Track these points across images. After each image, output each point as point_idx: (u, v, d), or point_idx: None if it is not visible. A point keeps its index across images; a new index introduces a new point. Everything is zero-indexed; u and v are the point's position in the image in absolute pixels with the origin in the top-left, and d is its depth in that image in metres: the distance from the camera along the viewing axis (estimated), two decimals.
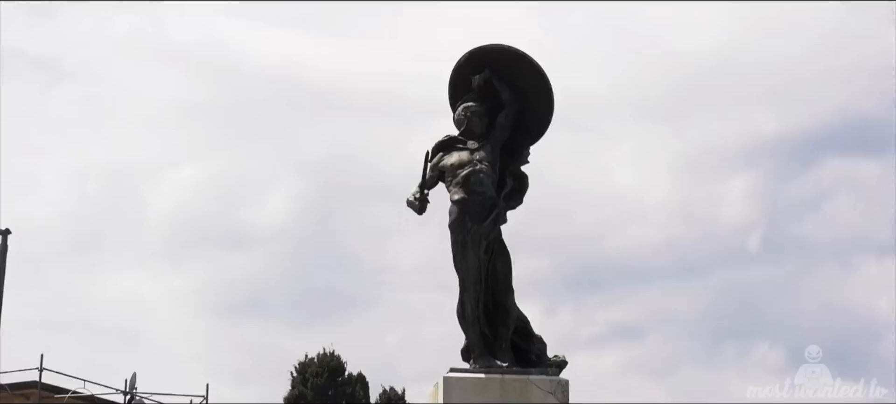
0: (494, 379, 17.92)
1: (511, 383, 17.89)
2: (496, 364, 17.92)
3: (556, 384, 18.10)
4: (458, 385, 18.04)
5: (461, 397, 17.95)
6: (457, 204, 16.95)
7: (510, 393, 17.89)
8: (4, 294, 27.94)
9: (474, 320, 17.52)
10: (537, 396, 17.97)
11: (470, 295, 17.26)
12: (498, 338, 17.84)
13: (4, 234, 28.60)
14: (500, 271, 17.42)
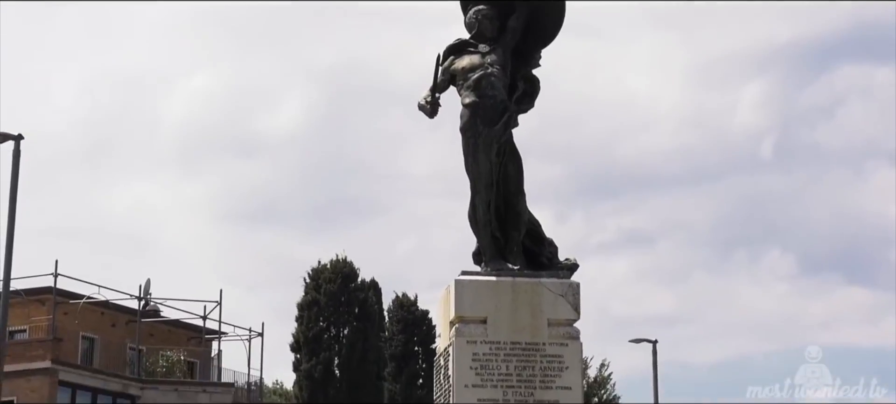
0: (505, 282, 18.01)
1: (522, 286, 17.98)
2: (507, 267, 17.99)
3: (567, 287, 18.18)
4: (470, 288, 18.14)
5: (472, 300, 18.05)
6: (468, 107, 16.96)
7: (521, 295, 17.98)
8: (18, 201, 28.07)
9: (486, 223, 17.59)
10: (548, 299, 18.07)
11: (481, 198, 17.31)
12: (509, 242, 17.90)
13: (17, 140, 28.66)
14: (511, 174, 17.46)
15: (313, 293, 69.38)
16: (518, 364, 17.89)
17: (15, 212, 28.01)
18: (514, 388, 17.87)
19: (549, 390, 17.93)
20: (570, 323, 18.29)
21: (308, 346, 68.26)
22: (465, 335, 17.97)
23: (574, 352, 18.25)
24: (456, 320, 18.11)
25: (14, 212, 27.99)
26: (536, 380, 17.87)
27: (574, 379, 18.26)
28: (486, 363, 17.85)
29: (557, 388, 17.96)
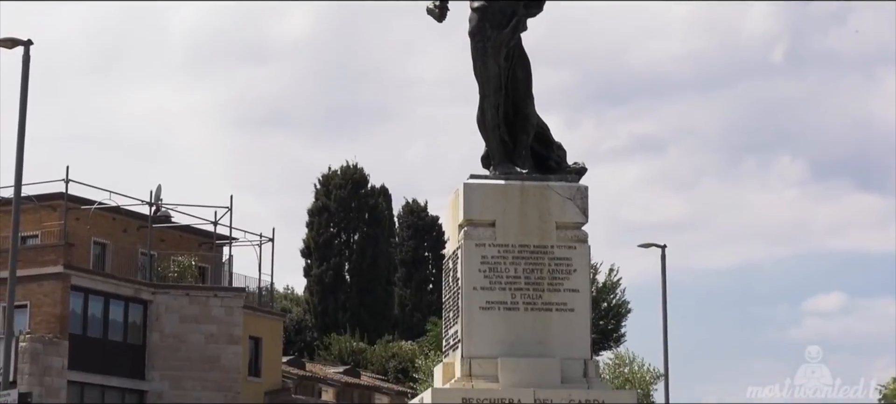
0: (514, 185, 18.09)
1: (531, 189, 18.05)
2: (516, 170, 18.06)
3: (575, 190, 18.25)
4: (478, 191, 18.22)
5: (481, 203, 18.14)
6: (477, 11, 16.96)
7: (530, 199, 18.06)
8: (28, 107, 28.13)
9: (494, 127, 17.64)
10: (557, 202, 18.15)
11: (490, 101, 17.35)
12: (518, 145, 17.96)
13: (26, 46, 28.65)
14: (520, 78, 17.48)
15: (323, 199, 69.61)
16: (526, 266, 18.01)
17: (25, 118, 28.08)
18: (523, 291, 18.01)
19: (557, 292, 18.06)
20: (579, 226, 18.38)
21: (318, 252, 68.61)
22: (473, 238, 18.07)
23: (582, 255, 18.35)
24: (464, 223, 18.21)
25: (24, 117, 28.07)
26: (544, 283, 18.00)
27: (582, 282, 18.39)
28: (494, 265, 17.97)
29: (565, 291, 18.09)
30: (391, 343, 63.34)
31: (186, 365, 46.30)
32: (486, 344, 17.98)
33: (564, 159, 18.59)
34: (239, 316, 47.80)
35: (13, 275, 27.89)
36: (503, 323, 18.03)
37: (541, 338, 18.05)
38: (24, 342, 41.15)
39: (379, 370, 61.46)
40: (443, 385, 18.49)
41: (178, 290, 47.64)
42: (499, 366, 17.86)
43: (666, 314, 41.03)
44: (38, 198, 45.67)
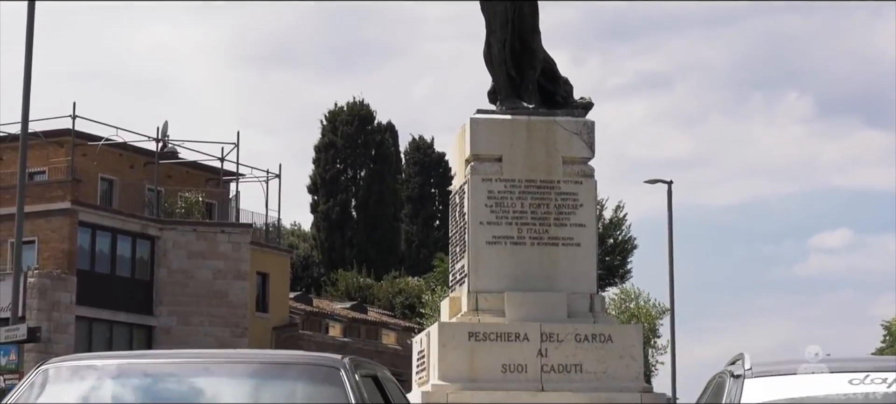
0: (520, 120, 18.10)
1: (537, 124, 18.06)
2: (522, 105, 18.07)
3: (581, 125, 18.27)
4: (485, 126, 18.23)
5: (487, 138, 18.16)
6: None
7: (536, 134, 18.07)
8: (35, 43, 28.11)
9: (501, 61, 17.62)
10: (563, 137, 18.16)
11: (496, 37, 17.33)
12: (524, 80, 17.95)
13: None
14: (526, 13, 17.44)
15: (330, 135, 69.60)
16: (533, 201, 18.05)
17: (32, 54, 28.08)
18: (529, 225, 18.06)
19: (563, 227, 18.11)
20: (585, 161, 18.41)
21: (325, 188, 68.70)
22: (480, 173, 18.11)
23: (588, 190, 18.40)
24: (471, 158, 18.24)
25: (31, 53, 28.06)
26: (551, 218, 18.05)
27: (588, 217, 18.45)
28: (501, 200, 18.02)
29: (572, 225, 18.14)
30: (398, 279, 63.55)
31: (194, 301, 46.51)
32: (492, 278, 18.07)
33: (571, 94, 18.59)
34: (246, 251, 47.95)
35: (21, 211, 27.98)
36: (509, 257, 18.11)
37: (547, 273, 18.13)
38: (32, 278, 41.33)
39: (385, 306, 61.70)
40: (449, 319, 18.60)
41: (185, 226, 47.75)
42: (505, 301, 17.95)
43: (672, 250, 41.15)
44: (44, 134, 45.69)
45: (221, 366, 6.30)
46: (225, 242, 47.65)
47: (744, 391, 6.15)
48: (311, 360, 6.30)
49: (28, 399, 5.98)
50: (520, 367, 17.44)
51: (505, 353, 17.46)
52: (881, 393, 6.04)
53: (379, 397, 6.46)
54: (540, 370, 17.50)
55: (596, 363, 17.60)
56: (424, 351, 18.34)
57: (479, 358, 17.36)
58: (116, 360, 6.38)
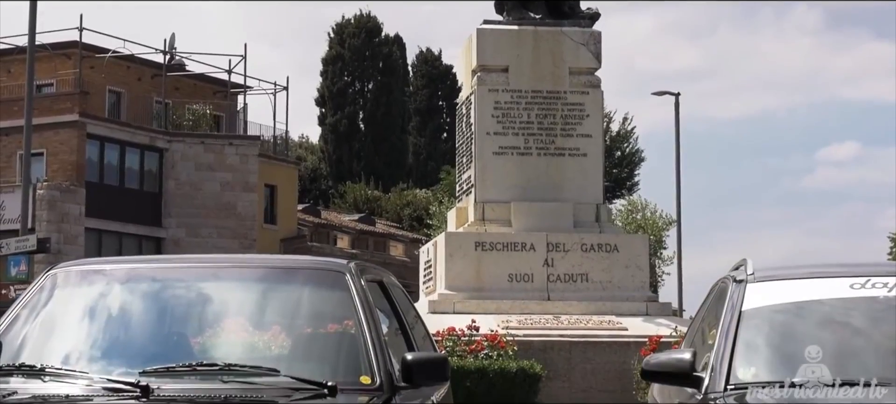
0: (527, 30, 18.07)
1: (544, 34, 18.04)
2: (529, 15, 18.05)
3: (588, 35, 18.24)
4: (491, 36, 18.21)
5: (494, 49, 18.15)
6: None
7: (543, 44, 18.05)
8: None
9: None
10: (570, 47, 18.13)
11: None
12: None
13: None
14: None
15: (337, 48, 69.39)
16: (539, 111, 18.09)
17: None
18: (535, 136, 18.11)
19: (569, 137, 18.16)
20: (592, 71, 18.41)
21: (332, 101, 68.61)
22: (486, 83, 18.13)
23: (595, 101, 18.41)
24: (477, 69, 18.25)
25: None
26: (557, 128, 18.09)
27: (595, 127, 18.48)
28: (507, 111, 18.05)
29: (578, 136, 18.18)
30: (405, 191, 63.65)
31: (202, 213, 46.65)
32: (499, 188, 18.16)
33: (578, 5, 18.54)
34: (254, 163, 48.00)
35: (29, 123, 28.02)
36: (516, 167, 18.19)
37: (553, 183, 18.22)
38: (41, 190, 41.45)
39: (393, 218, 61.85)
40: (456, 229, 18.71)
41: (193, 138, 47.77)
42: (512, 211, 18.06)
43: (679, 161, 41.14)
44: (52, 46, 45.60)
45: (229, 271, 6.36)
46: (233, 154, 47.69)
47: (746, 295, 6.22)
48: (316, 265, 6.36)
49: (36, 303, 6.05)
50: (526, 276, 17.59)
51: (511, 263, 17.59)
52: (882, 297, 6.12)
53: (384, 302, 6.53)
54: (546, 279, 17.65)
55: (602, 272, 17.74)
56: (431, 261, 18.47)
57: (485, 268, 17.51)
58: (126, 264, 6.44)
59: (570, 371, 16.00)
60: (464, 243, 17.74)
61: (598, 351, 16.12)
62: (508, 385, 14.65)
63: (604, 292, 17.64)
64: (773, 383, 5.73)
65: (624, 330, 16.58)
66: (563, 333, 16.43)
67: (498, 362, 14.80)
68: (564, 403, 15.63)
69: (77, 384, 5.41)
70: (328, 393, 5.33)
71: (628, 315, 17.19)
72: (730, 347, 5.93)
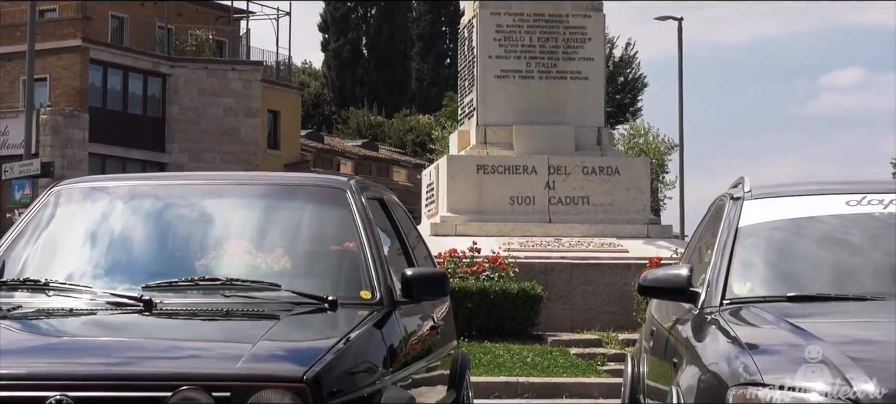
0: None
1: None
2: None
3: None
4: None
5: None
6: None
7: None
8: None
9: None
10: None
11: None
12: None
13: None
14: None
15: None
16: (541, 35, 18.07)
17: None
18: (537, 59, 18.11)
19: (571, 61, 18.16)
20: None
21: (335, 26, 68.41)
22: (488, 7, 18.10)
23: (597, 24, 18.39)
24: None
25: None
26: (559, 51, 18.09)
27: (596, 51, 18.48)
28: (509, 34, 18.04)
29: (580, 59, 18.18)
30: (408, 116, 63.64)
31: (205, 138, 46.68)
32: (500, 112, 18.19)
33: None
34: (257, 89, 47.96)
35: (32, 49, 28.00)
36: (518, 91, 18.21)
37: (555, 106, 18.25)
38: (44, 115, 41.47)
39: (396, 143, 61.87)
40: (458, 152, 18.77)
41: (196, 64, 47.70)
42: (513, 134, 18.10)
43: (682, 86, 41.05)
44: None
45: (231, 188, 6.41)
46: (236, 80, 47.64)
47: (742, 212, 6.28)
48: (317, 182, 6.41)
49: (40, 219, 6.11)
50: (528, 199, 17.66)
51: (513, 185, 17.66)
52: (878, 214, 6.18)
53: (385, 220, 6.58)
54: (547, 202, 17.72)
55: (603, 195, 17.80)
56: (433, 184, 18.54)
57: (487, 191, 17.57)
58: (129, 182, 6.48)
59: (571, 292, 16.10)
60: (466, 166, 17.80)
61: (599, 273, 16.21)
62: (509, 306, 14.76)
63: (605, 215, 17.71)
64: (769, 298, 5.80)
65: (625, 252, 16.66)
66: (564, 255, 16.51)
67: (499, 283, 14.89)
68: (565, 324, 15.75)
69: (81, 298, 5.49)
70: (329, 308, 5.41)
71: (629, 237, 17.26)
72: (726, 263, 6.00)
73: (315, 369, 4.53)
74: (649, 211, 18.70)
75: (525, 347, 14.30)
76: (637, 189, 18.05)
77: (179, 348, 4.97)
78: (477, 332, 14.55)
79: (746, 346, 4.99)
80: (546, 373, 13.10)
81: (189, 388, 4.41)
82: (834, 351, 4.81)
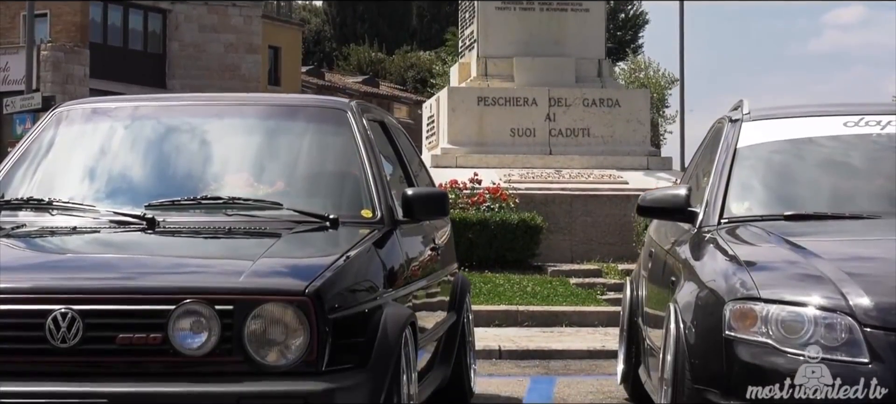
0: None
1: None
2: None
3: None
4: None
5: None
6: None
7: None
8: None
9: None
10: None
11: None
12: None
13: None
14: None
15: None
16: None
17: None
18: None
19: None
20: None
21: None
22: None
23: None
24: None
25: None
26: None
27: None
28: None
29: None
30: (409, 53, 63.47)
31: (206, 74, 46.60)
32: (501, 44, 18.18)
33: None
34: (258, 25, 47.82)
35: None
36: (519, 23, 18.19)
37: (556, 38, 18.23)
38: (45, 51, 41.39)
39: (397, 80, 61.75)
40: (459, 84, 18.77)
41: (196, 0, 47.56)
42: (514, 66, 18.10)
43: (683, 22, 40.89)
44: None
45: (233, 109, 6.42)
46: (236, 16, 47.50)
47: (741, 133, 6.32)
48: (318, 103, 6.44)
49: (42, 141, 6.13)
50: (528, 131, 17.68)
51: (513, 117, 17.67)
52: (874, 134, 6.22)
53: (386, 143, 6.62)
54: (548, 134, 17.75)
55: (603, 127, 17.83)
56: (434, 116, 18.56)
57: (487, 122, 17.60)
58: (131, 103, 6.50)
59: (571, 223, 16.16)
60: (466, 98, 17.81)
61: (599, 205, 16.25)
62: (510, 236, 14.81)
63: (605, 147, 17.74)
64: (767, 217, 5.85)
65: (624, 183, 16.71)
66: (565, 187, 16.56)
67: (499, 214, 14.94)
68: (565, 255, 15.82)
69: (84, 217, 5.54)
70: (330, 226, 5.46)
71: (629, 169, 17.30)
72: (724, 183, 6.05)
73: (316, 284, 4.58)
74: (649, 143, 18.74)
75: (525, 277, 14.38)
76: (637, 121, 18.07)
77: (182, 264, 5.03)
78: (477, 263, 14.63)
79: (744, 263, 5.05)
80: (546, 302, 13.18)
81: (192, 301, 4.47)
82: (831, 266, 4.87)
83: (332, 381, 4.49)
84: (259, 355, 4.46)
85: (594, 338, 11.36)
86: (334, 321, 4.57)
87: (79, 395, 4.35)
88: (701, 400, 4.83)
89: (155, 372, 4.45)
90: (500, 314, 12.60)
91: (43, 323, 4.43)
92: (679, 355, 5.07)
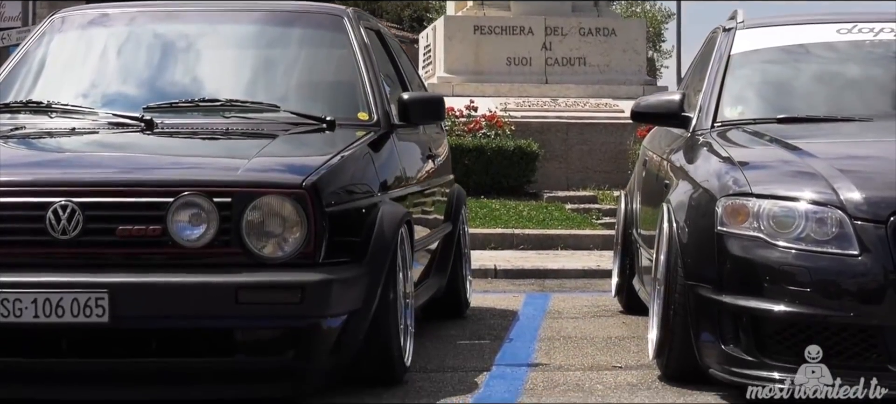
0: None
1: None
2: None
3: None
4: None
5: None
6: None
7: None
8: None
9: None
10: None
11: None
12: None
13: None
14: None
15: None
16: None
17: None
18: None
19: None
20: None
21: None
22: None
23: None
24: None
25: None
26: None
27: None
28: None
29: None
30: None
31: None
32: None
33: None
34: None
35: None
36: None
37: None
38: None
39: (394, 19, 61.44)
40: (455, 13, 18.76)
41: None
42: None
43: None
44: None
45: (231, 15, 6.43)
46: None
47: (734, 41, 6.36)
48: (315, 9, 6.46)
49: (40, 45, 6.16)
50: (524, 60, 17.68)
51: (510, 46, 17.67)
52: (868, 41, 6.27)
53: (382, 51, 6.65)
54: (544, 63, 17.75)
55: (599, 56, 17.83)
56: (431, 45, 18.55)
57: (484, 51, 17.59)
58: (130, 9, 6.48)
59: (567, 151, 16.19)
60: (462, 26, 17.79)
61: (595, 133, 16.27)
62: (506, 163, 14.84)
63: (601, 76, 17.74)
64: (760, 120, 5.90)
65: (620, 112, 16.71)
66: (561, 115, 16.57)
67: (496, 141, 14.97)
68: (561, 182, 15.86)
69: (83, 119, 5.59)
70: (327, 127, 5.51)
71: (625, 98, 17.28)
72: (718, 89, 6.10)
73: (313, 178, 4.63)
74: (645, 72, 18.75)
75: (521, 202, 14.43)
76: (633, 50, 18.07)
77: (180, 161, 5.09)
78: (474, 188, 14.65)
79: (737, 163, 5.10)
80: (541, 226, 13.24)
81: (191, 193, 4.52)
82: (823, 164, 4.92)
83: (329, 273, 4.55)
84: (257, 247, 4.51)
85: (589, 259, 11.43)
86: (331, 214, 4.62)
87: (79, 286, 4.39)
88: (693, 296, 4.89)
89: (154, 263, 4.50)
90: (495, 237, 12.67)
91: (43, 215, 4.48)
92: (672, 253, 5.12)
